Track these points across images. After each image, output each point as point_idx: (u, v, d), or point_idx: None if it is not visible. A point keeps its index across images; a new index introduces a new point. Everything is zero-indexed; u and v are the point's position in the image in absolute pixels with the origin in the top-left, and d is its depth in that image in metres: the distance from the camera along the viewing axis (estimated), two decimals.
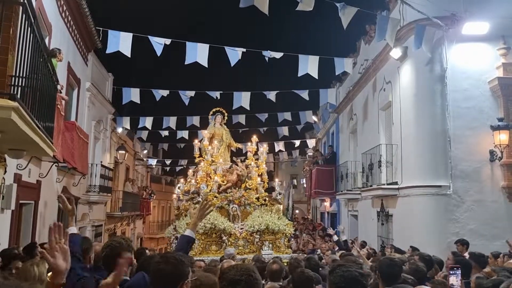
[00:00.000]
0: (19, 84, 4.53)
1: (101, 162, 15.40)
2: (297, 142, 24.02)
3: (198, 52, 11.66)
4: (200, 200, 10.52)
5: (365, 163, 13.06)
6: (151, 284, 2.45)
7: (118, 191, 19.35)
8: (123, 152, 19.07)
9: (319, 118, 23.15)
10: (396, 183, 11.06)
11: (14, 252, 5.58)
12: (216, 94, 15.88)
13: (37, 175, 9.18)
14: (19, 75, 4.55)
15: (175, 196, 13.71)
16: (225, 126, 13.19)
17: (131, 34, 11.25)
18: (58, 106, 8.22)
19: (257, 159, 11.90)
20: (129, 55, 11.26)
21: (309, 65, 12.33)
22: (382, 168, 11.66)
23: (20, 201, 8.19)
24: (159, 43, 11.42)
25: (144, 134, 21.49)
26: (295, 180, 36.69)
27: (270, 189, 12.28)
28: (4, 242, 7.02)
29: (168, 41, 11.49)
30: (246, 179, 11.49)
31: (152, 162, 28.64)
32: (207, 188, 10.92)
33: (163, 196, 34.27)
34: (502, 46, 10.02)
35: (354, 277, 2.41)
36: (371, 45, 13.97)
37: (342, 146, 18.53)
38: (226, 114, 13.25)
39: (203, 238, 9.98)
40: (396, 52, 10.86)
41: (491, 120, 9.81)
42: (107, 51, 11.41)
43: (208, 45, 11.67)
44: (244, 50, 12.06)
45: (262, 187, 11.49)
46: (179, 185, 14.19)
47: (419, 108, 10.39)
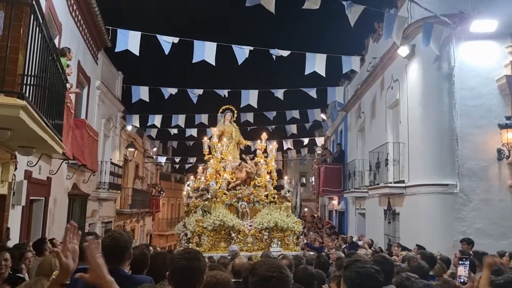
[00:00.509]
0: (29, 82, 4.64)
1: (111, 159, 15.61)
2: (306, 140, 24.04)
3: (205, 51, 11.75)
4: (209, 197, 10.61)
5: (372, 161, 13.05)
6: (172, 280, 2.43)
7: (127, 188, 19.56)
8: (133, 149, 19.26)
9: (328, 116, 23.13)
10: (403, 181, 11.04)
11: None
12: (224, 92, 15.97)
13: (47, 172, 9.35)
14: (28, 73, 4.66)
15: (185, 193, 13.81)
16: (235, 124, 13.23)
17: (139, 33, 11.38)
18: (68, 104, 8.37)
19: (266, 157, 11.93)
20: (138, 54, 11.39)
21: (316, 63, 12.34)
22: (389, 167, 11.65)
23: (31, 198, 8.35)
24: (167, 41, 11.54)
25: (154, 132, 21.69)
26: (304, 178, 36.69)
27: (278, 187, 12.31)
28: (15, 238, 7.18)
29: (176, 40, 11.60)
30: (255, 177, 11.53)
31: (162, 159, 28.86)
32: (217, 185, 11.00)
33: (173, 193, 34.50)
34: (510, 44, 9.94)
35: (370, 273, 2.37)
36: (379, 43, 13.94)
37: (350, 144, 18.51)
38: (235, 111, 13.31)
39: (212, 235, 10.01)
40: (403, 50, 10.83)
41: (499, 118, 9.74)
42: (116, 50, 11.56)
43: (215, 43, 11.75)
44: (252, 48, 12.12)
45: (271, 184, 11.53)
46: (188, 182, 14.31)
47: (426, 106, 10.36)
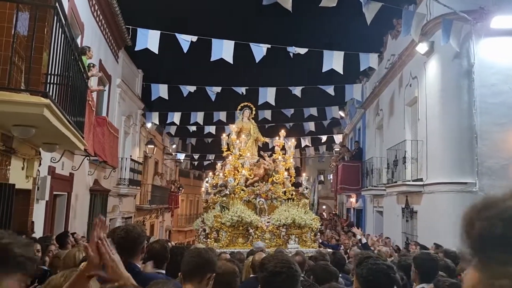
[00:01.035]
0: (52, 81, 4.82)
1: (131, 156, 15.90)
2: (324, 138, 23.98)
3: (223, 49, 11.88)
4: (228, 193, 10.72)
5: (390, 159, 12.98)
6: (184, 275, 2.50)
7: (147, 185, 19.88)
8: (152, 146, 19.57)
9: (346, 114, 23.02)
10: (421, 179, 10.96)
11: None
12: (242, 90, 16.09)
13: (70, 168, 9.62)
14: (52, 73, 4.84)
15: (204, 189, 13.98)
16: (253, 121, 13.33)
17: (158, 32, 11.58)
18: (89, 102, 8.60)
19: (284, 154, 11.99)
20: (157, 52, 11.59)
21: (334, 60, 12.34)
22: (407, 164, 11.57)
23: (54, 193, 8.63)
24: (185, 40, 11.71)
25: (173, 129, 21.98)
26: (322, 176, 36.59)
27: (296, 185, 12.35)
28: (39, 231, 7.44)
29: (194, 38, 11.76)
30: (273, 174, 11.60)
31: (181, 156, 29.18)
32: (235, 181, 11.11)
33: (191, 190, 34.84)
34: None
35: (382, 270, 2.34)
36: (398, 40, 13.81)
37: (368, 142, 18.40)
38: (254, 108, 13.40)
39: (230, 230, 10.12)
40: (422, 47, 10.73)
41: None
42: (136, 48, 11.81)
43: (233, 41, 11.87)
44: (269, 46, 12.20)
45: (289, 181, 11.59)
46: (207, 179, 14.48)
47: (445, 104, 10.25)
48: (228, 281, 2.95)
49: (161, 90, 15.85)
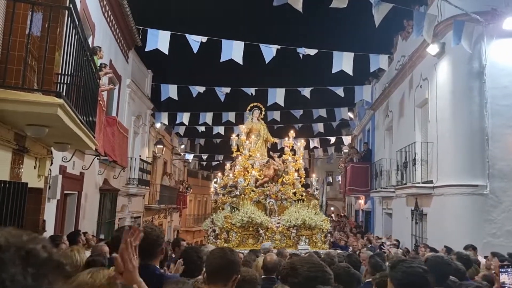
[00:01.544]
0: (65, 81, 4.86)
1: (140, 156, 15.97)
2: (333, 139, 23.91)
3: (233, 50, 11.91)
4: (238, 193, 10.71)
5: (399, 161, 12.91)
6: (208, 276, 2.43)
7: (156, 185, 19.97)
8: (161, 146, 19.65)
9: (355, 115, 22.94)
10: (431, 181, 10.89)
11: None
12: (251, 91, 16.10)
13: (80, 167, 9.69)
14: (64, 72, 4.88)
15: (213, 189, 14.02)
16: (262, 121, 13.33)
17: (169, 32, 11.64)
18: (100, 102, 8.66)
19: (294, 154, 11.98)
20: (167, 53, 11.65)
21: (343, 61, 12.31)
22: (417, 166, 11.51)
23: (65, 192, 8.70)
24: (195, 40, 11.76)
25: (182, 129, 22.07)
26: (330, 177, 36.44)
27: (304, 186, 12.35)
28: (50, 230, 7.50)
29: (204, 39, 11.81)
30: (283, 174, 11.59)
31: (189, 156, 29.27)
32: (245, 182, 11.12)
33: (200, 190, 34.92)
34: None
35: (418, 273, 2.30)
36: (408, 41, 13.75)
37: (378, 143, 18.32)
38: (263, 109, 13.42)
39: (240, 231, 10.13)
40: (433, 48, 10.67)
41: None
42: (146, 49, 11.88)
43: (243, 42, 11.90)
44: (279, 47, 12.20)
45: (299, 182, 11.57)
46: (215, 179, 14.51)
47: (456, 106, 10.18)
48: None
49: (171, 91, 15.92)
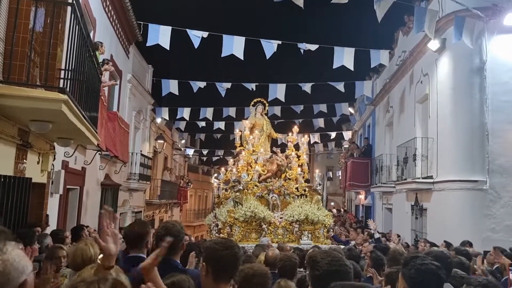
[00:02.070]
0: (67, 76, 4.89)
1: (141, 151, 16.02)
2: (333, 134, 23.94)
3: (234, 45, 11.90)
4: (241, 188, 10.75)
5: (400, 156, 12.95)
6: (213, 270, 2.30)
7: (156, 179, 20.03)
8: (162, 141, 19.69)
9: (356, 110, 22.96)
10: (431, 177, 10.94)
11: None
12: (252, 86, 16.10)
13: (82, 162, 9.74)
14: (67, 68, 4.91)
15: (216, 184, 14.08)
16: (266, 117, 13.36)
17: (170, 28, 11.62)
18: (101, 97, 8.69)
19: (297, 150, 12.01)
20: (168, 48, 11.65)
21: (344, 57, 12.32)
22: (417, 162, 11.55)
23: (67, 186, 8.75)
24: (196, 36, 11.75)
25: (182, 125, 22.09)
26: (330, 173, 36.46)
27: (306, 181, 12.39)
28: (53, 224, 7.56)
29: (205, 34, 11.80)
30: (286, 169, 11.63)
31: (190, 152, 29.32)
32: (248, 177, 11.17)
33: (200, 185, 35.01)
34: None
35: (431, 270, 2.27)
36: (409, 37, 13.74)
37: (378, 139, 18.36)
38: (267, 104, 13.45)
39: (243, 226, 10.17)
40: (434, 44, 10.67)
41: None
42: (147, 44, 11.86)
43: (244, 37, 11.88)
44: (280, 42, 12.19)
45: (302, 177, 11.61)
46: (216, 174, 14.57)
47: (456, 101, 10.20)
48: (260, 282, 2.84)
49: (172, 86, 15.93)
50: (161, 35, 11.69)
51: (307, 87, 16.16)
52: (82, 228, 6.39)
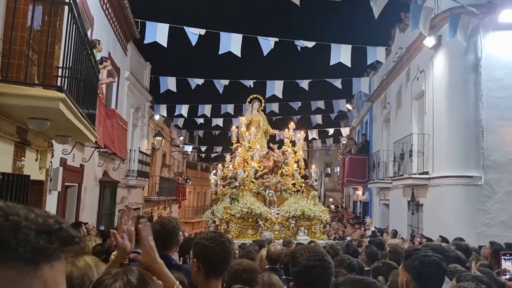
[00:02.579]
0: (65, 75, 4.95)
1: (139, 148, 16.06)
2: (331, 131, 24.03)
3: (231, 42, 11.95)
4: (237, 185, 10.80)
5: (396, 152, 13.04)
6: (204, 266, 2.23)
7: (155, 176, 20.08)
8: (160, 138, 19.75)
9: (354, 107, 23.04)
10: (427, 172, 11.04)
11: None
12: (250, 83, 16.16)
13: (80, 159, 9.79)
14: (65, 66, 4.96)
15: (213, 181, 14.14)
16: (262, 113, 13.40)
17: (167, 25, 11.67)
18: (99, 94, 8.74)
19: (294, 146, 12.06)
20: (166, 45, 11.70)
21: (341, 54, 12.38)
22: (414, 158, 11.64)
23: (66, 184, 8.81)
24: (194, 33, 11.80)
25: (180, 122, 22.14)
26: (329, 169, 36.62)
27: (304, 177, 12.46)
28: None
29: (202, 32, 11.84)
30: (282, 166, 11.69)
31: (188, 148, 29.38)
32: (244, 173, 11.23)
33: (198, 182, 35.07)
34: None
35: (435, 261, 2.29)
36: (406, 34, 13.81)
37: (375, 135, 18.45)
38: (263, 100, 13.49)
39: (240, 222, 10.25)
40: (429, 41, 10.74)
41: None
42: (145, 42, 11.91)
43: (241, 35, 11.94)
44: (277, 39, 12.25)
45: (299, 173, 11.67)
46: (214, 171, 14.63)
47: (452, 98, 10.29)
48: (250, 278, 2.87)
49: (170, 83, 15.98)
50: (158, 33, 11.74)
51: (304, 83, 16.23)
52: (80, 225, 6.45)
